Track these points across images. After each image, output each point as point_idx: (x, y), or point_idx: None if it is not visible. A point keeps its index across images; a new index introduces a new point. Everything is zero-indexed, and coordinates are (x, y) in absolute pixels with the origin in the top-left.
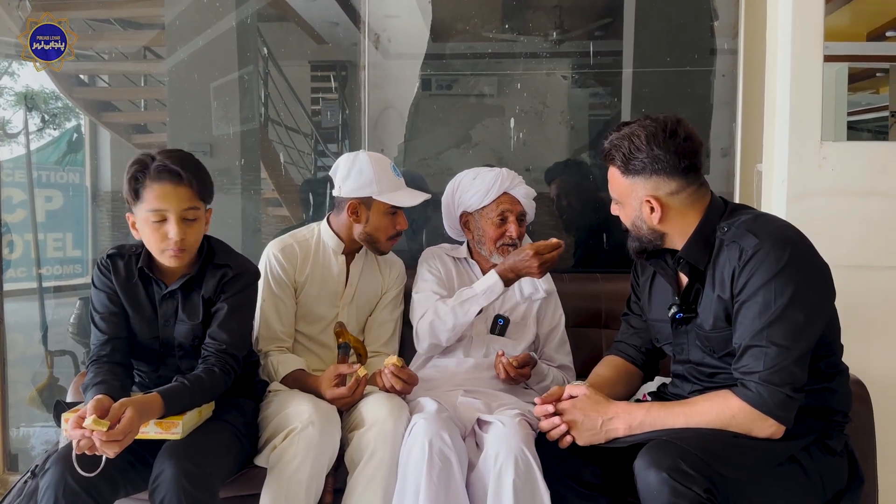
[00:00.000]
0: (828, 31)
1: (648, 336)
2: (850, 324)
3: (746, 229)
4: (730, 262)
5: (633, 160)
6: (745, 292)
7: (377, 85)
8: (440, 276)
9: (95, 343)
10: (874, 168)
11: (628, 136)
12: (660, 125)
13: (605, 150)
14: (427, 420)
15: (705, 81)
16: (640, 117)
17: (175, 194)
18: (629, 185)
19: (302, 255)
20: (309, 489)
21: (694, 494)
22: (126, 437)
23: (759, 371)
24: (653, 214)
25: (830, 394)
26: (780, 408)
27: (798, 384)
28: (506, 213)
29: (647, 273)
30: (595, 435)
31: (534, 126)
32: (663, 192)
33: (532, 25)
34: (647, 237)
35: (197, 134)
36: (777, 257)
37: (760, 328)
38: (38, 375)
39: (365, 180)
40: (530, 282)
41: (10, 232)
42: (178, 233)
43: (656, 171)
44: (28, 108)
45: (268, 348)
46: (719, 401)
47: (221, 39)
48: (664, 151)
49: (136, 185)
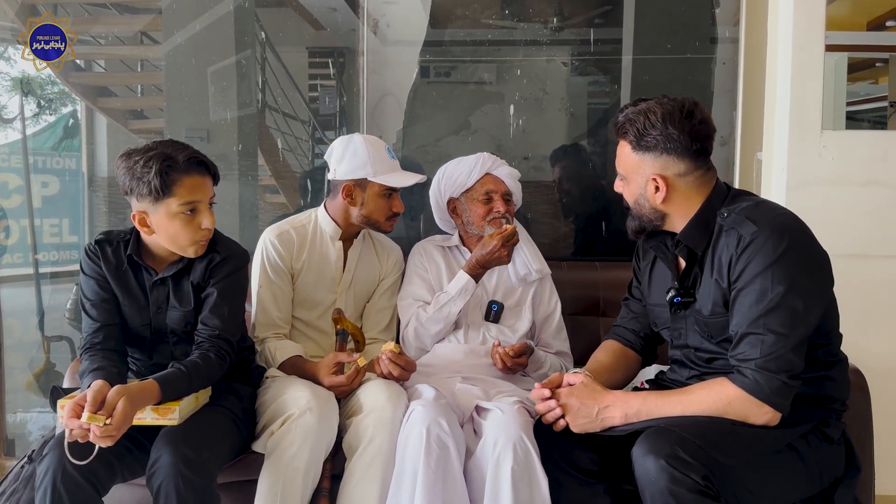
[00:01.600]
0: (828, 20)
1: (647, 321)
2: (849, 313)
3: (746, 216)
4: (728, 249)
5: (646, 136)
6: (742, 279)
7: (375, 71)
8: (425, 277)
9: (88, 331)
10: (874, 157)
11: (644, 111)
12: (677, 105)
13: (619, 124)
14: (425, 407)
15: (706, 69)
16: (658, 96)
17: (204, 185)
18: (638, 161)
19: (299, 241)
20: (307, 475)
21: (692, 482)
22: (120, 430)
23: (756, 358)
24: (657, 194)
25: (828, 382)
26: (777, 395)
27: (795, 371)
28: (490, 193)
29: (648, 258)
30: (591, 422)
31: (533, 113)
32: (671, 172)
33: (532, 12)
34: (648, 216)
35: (194, 119)
36: (775, 245)
37: (757, 315)
38: (35, 361)
39: (359, 162)
40: (522, 263)
41: (7, 217)
42: (212, 220)
43: (668, 149)
44: (24, 93)
45: (265, 334)
46: (716, 388)
47: (219, 24)
48: (678, 131)
49: (166, 179)
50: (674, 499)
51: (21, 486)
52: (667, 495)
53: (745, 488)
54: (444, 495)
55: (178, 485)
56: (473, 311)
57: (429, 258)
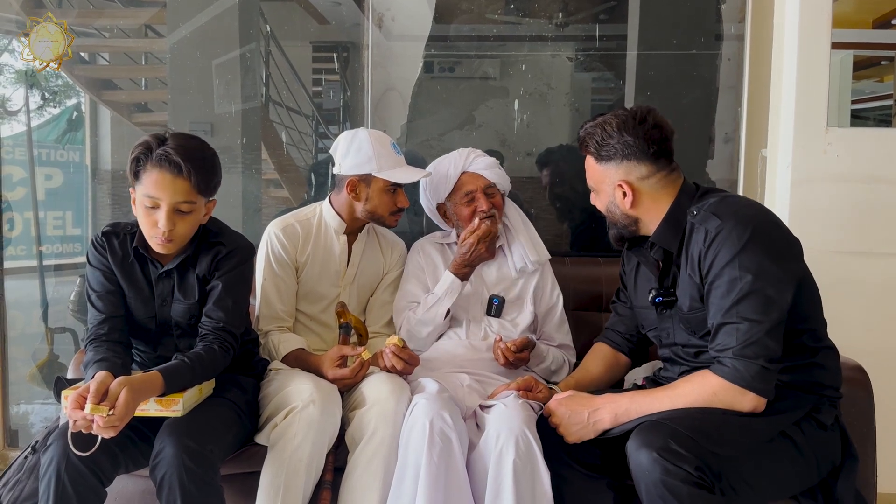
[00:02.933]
0: (834, 18)
1: (634, 323)
2: (853, 310)
3: (712, 212)
4: (697, 245)
5: (605, 147)
6: (711, 272)
7: (380, 66)
8: (421, 277)
9: (93, 322)
10: (879, 155)
11: (601, 124)
12: (630, 113)
13: (581, 139)
14: (428, 400)
15: (711, 65)
16: (614, 110)
17: (172, 185)
18: (602, 172)
19: (303, 234)
20: (309, 467)
21: (685, 473)
22: (123, 421)
23: (733, 346)
24: (625, 199)
25: (818, 369)
26: (757, 380)
27: (772, 356)
28: (471, 193)
29: (632, 263)
30: (584, 428)
31: (538, 108)
32: (634, 176)
33: (537, 7)
34: (622, 222)
35: (198, 112)
36: (739, 235)
37: (730, 305)
38: (39, 352)
39: (364, 157)
40: (520, 256)
41: (11, 209)
42: (165, 224)
43: (626, 155)
44: (29, 86)
45: (268, 327)
46: (699, 380)
47: (223, 17)
48: (634, 137)
49: (137, 166)
50: (668, 490)
51: (25, 476)
52: (661, 487)
53: (743, 480)
54: (447, 488)
55: (182, 476)
56: (475, 306)
57: (426, 257)
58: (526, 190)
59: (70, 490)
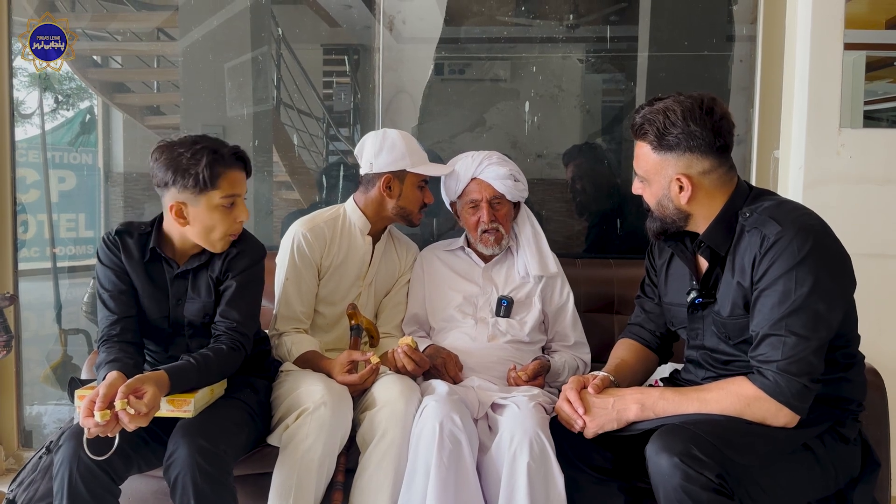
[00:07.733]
0: (846, 18)
1: (662, 320)
2: (866, 312)
3: (769, 216)
4: (751, 249)
5: (667, 135)
6: (765, 280)
7: (391, 68)
8: (420, 291)
9: (105, 323)
10: (891, 156)
11: (663, 110)
12: (696, 101)
13: (637, 124)
14: (438, 402)
15: (723, 67)
16: (673, 93)
17: (243, 179)
18: (660, 162)
19: (330, 236)
20: (321, 468)
21: (706, 480)
22: (149, 413)
23: (778, 360)
24: (682, 193)
25: (846, 383)
26: (797, 398)
27: (815, 374)
28: (476, 201)
29: (664, 256)
30: (607, 415)
31: (548, 110)
32: (695, 170)
33: (547, 9)
34: (672, 217)
35: (210, 115)
36: (799, 246)
37: (780, 317)
38: (52, 354)
39: (398, 154)
40: (523, 265)
41: (25, 212)
42: (247, 214)
43: (691, 147)
44: (42, 89)
45: (285, 328)
46: (734, 388)
47: (235, 20)
48: (701, 128)
49: (213, 171)
50: (687, 496)
51: (39, 476)
52: (680, 493)
53: (760, 487)
54: (457, 490)
55: (196, 476)
56: (483, 308)
57: (428, 265)
58: (536, 192)
59: (82, 489)
